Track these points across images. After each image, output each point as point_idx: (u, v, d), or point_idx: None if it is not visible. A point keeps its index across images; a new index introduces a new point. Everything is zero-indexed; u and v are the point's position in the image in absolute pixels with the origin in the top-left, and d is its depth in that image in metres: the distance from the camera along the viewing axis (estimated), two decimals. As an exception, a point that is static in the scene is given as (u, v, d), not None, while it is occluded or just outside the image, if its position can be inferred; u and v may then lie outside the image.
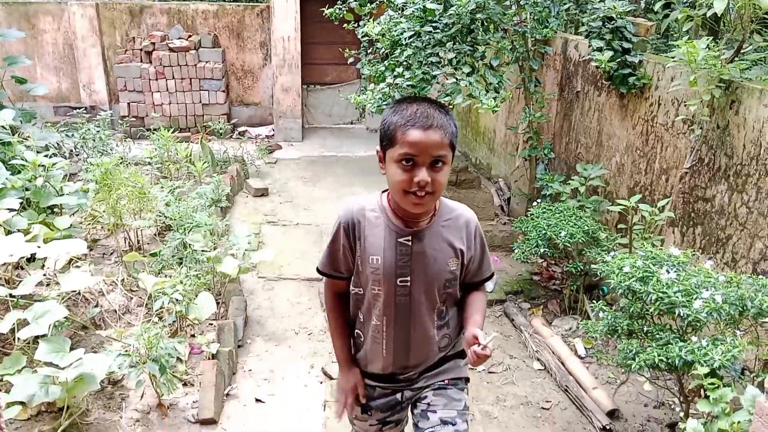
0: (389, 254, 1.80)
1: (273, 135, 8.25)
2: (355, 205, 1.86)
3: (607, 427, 3.06)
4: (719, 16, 3.45)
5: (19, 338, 2.85)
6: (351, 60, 6.29)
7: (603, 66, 4.03)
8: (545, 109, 5.01)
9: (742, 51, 3.63)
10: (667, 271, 2.67)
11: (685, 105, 3.57)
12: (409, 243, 1.81)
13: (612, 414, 3.17)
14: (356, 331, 2.00)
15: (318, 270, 1.95)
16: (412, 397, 2.03)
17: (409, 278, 1.82)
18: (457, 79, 4.25)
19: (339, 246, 1.86)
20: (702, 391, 2.65)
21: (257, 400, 3.20)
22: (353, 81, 8.70)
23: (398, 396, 2.02)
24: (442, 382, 2.01)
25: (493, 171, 6.57)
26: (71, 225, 3.99)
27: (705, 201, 3.43)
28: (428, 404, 1.99)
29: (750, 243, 3.11)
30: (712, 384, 2.21)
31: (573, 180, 4.27)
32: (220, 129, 7.30)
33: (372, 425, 2.09)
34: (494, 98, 4.17)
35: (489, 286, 2.05)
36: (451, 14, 4.30)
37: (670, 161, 3.76)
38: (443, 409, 2.01)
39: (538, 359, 3.69)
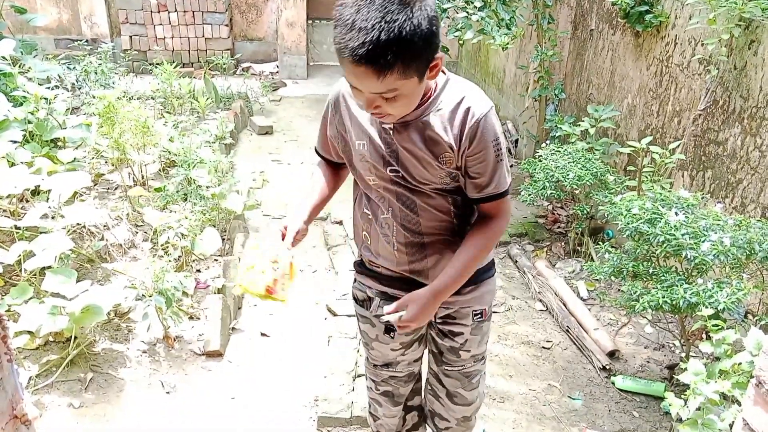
0: (374, 140, 1.54)
1: (277, 72, 8.10)
2: (344, 83, 1.54)
3: (607, 367, 3.11)
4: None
5: (25, 269, 2.86)
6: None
7: (619, 3, 3.89)
8: (557, 48, 4.87)
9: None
10: (676, 214, 2.64)
11: (702, 45, 3.46)
12: (391, 131, 1.51)
13: (612, 355, 3.21)
14: (363, 232, 1.75)
15: (316, 150, 1.78)
16: (439, 316, 1.80)
17: (399, 170, 1.55)
18: (468, 13, 4.12)
19: (326, 125, 1.67)
20: (704, 333, 2.66)
21: (262, 335, 3.25)
22: (360, 17, 8.47)
23: None
24: (479, 316, 1.79)
25: (502, 113, 6.46)
26: (75, 159, 3.96)
27: (717, 144, 3.37)
28: (464, 342, 1.82)
29: (760, 188, 3.07)
30: (716, 326, 2.22)
31: (583, 122, 4.19)
32: (224, 64, 7.15)
33: (394, 349, 1.89)
34: (506, 35, 4.05)
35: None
36: (463, -55, 4.14)
37: (683, 103, 3.68)
38: (477, 346, 1.85)
39: (541, 300, 3.71)
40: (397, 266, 1.71)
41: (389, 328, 1.79)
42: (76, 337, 2.79)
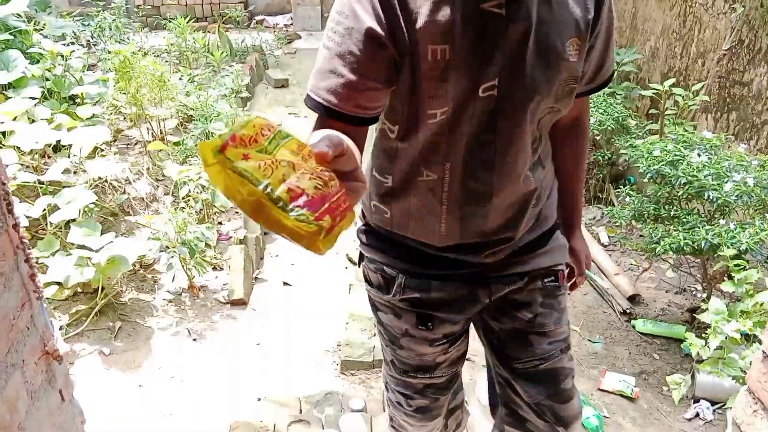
0: (466, 37, 1.00)
1: (291, 24, 7.99)
2: None
3: (628, 311, 3.11)
4: None
5: (50, 223, 2.92)
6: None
7: (643, -61, 3.74)
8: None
9: None
10: (699, 155, 2.60)
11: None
12: (502, 12, 0.99)
13: (633, 299, 3.21)
14: (378, 205, 1.25)
15: (315, 104, 1.04)
16: (498, 295, 1.29)
17: (497, 80, 1.03)
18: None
19: (359, 39, 0.99)
20: (726, 275, 2.65)
21: (285, 284, 3.30)
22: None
23: (478, 292, 1.28)
24: (552, 280, 1.31)
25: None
26: (93, 115, 3.98)
27: (742, 85, 3.28)
28: (534, 317, 1.30)
29: (787, 127, 3.00)
30: (738, 266, 2.20)
31: (604, 65, 4.10)
32: (237, 18, 7.06)
33: (437, 344, 1.33)
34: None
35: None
36: None
37: (707, 44, 3.57)
38: (555, 326, 1.31)
39: (561, 247, 3.70)
40: (446, 237, 1.21)
41: (425, 317, 1.29)
42: (103, 288, 2.86)
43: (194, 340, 2.85)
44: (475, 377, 2.62)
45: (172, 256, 2.86)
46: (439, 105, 1.05)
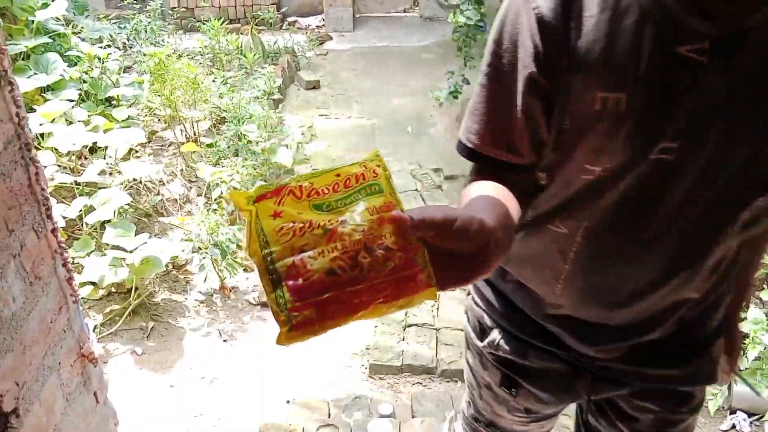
0: (648, 86, 0.79)
1: (323, 25, 8.02)
2: None
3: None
4: None
5: (86, 223, 2.97)
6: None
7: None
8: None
9: None
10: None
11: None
12: (703, 60, 0.77)
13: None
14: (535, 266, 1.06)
15: (461, 147, 0.94)
16: (598, 391, 1.11)
17: (677, 143, 0.82)
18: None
19: (520, 75, 0.84)
20: (766, 282, 2.57)
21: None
22: (406, -34, 8.28)
23: (577, 384, 1.11)
24: (677, 403, 1.08)
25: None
26: (129, 116, 4.05)
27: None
28: None
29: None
30: (781, 274, 2.13)
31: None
32: (270, 19, 7.12)
33: (517, 413, 1.20)
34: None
35: None
36: None
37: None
38: None
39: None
40: (560, 299, 1.02)
41: (511, 381, 1.15)
42: (137, 288, 2.90)
43: (225, 341, 2.87)
44: None
45: (204, 257, 2.88)
46: (598, 161, 0.85)
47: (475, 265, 0.66)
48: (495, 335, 1.14)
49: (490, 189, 0.85)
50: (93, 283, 2.85)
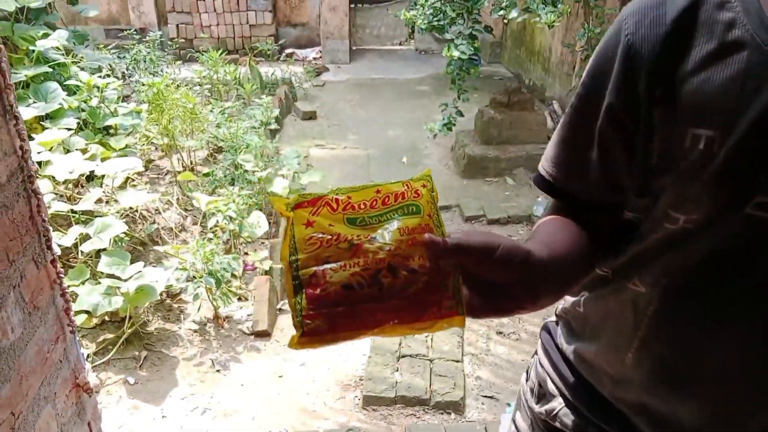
0: (747, 131, 0.68)
1: (320, 57, 8.14)
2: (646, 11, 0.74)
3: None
4: None
5: (82, 252, 2.97)
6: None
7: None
8: (605, 26, 4.75)
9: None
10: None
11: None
12: None
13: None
14: (578, 299, 0.96)
15: (538, 180, 0.89)
16: None
17: None
18: (513, -8, 4.05)
19: (602, 107, 0.78)
20: None
21: (308, 316, 3.30)
22: None
23: None
24: None
25: (548, 92, 6.35)
26: (126, 145, 4.07)
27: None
28: None
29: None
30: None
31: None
32: (268, 50, 7.22)
33: None
34: (552, 12, 3.97)
35: None
36: None
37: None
38: None
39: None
40: (628, 371, 0.87)
41: None
42: (130, 317, 2.89)
43: (218, 371, 2.85)
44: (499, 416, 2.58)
45: (199, 287, 2.89)
46: (682, 208, 0.75)
47: (518, 298, 0.64)
48: (555, 404, 1.00)
49: (558, 225, 0.82)
50: (87, 312, 2.85)
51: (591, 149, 0.81)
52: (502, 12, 4.04)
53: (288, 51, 8.13)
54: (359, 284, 0.59)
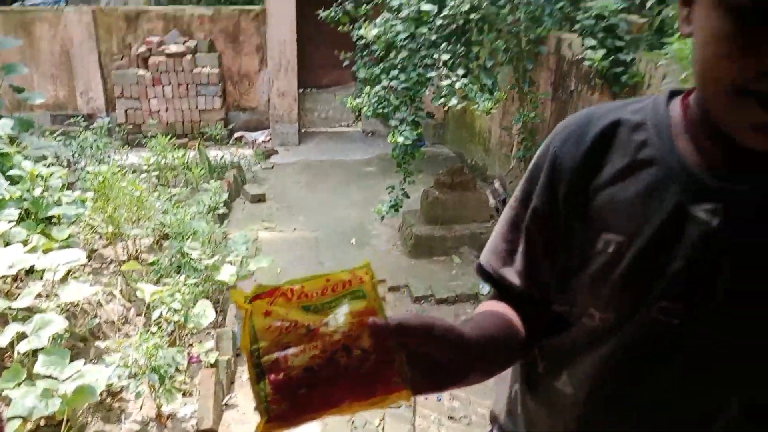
0: (651, 238, 0.76)
1: (270, 140, 8.27)
2: (598, 118, 0.83)
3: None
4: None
5: (18, 351, 2.86)
6: (346, 63, 6.31)
7: (596, 65, 4.04)
8: (539, 110, 5.02)
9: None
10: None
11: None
12: (713, 220, 0.73)
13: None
14: (517, 391, 0.99)
15: (478, 268, 0.97)
16: None
17: (682, 305, 0.76)
18: (452, 80, 4.27)
19: (529, 208, 0.88)
20: None
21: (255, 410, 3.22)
22: (350, 84, 8.73)
23: None
24: None
25: (489, 172, 6.58)
26: (70, 235, 4.00)
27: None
28: None
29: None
30: None
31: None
32: (217, 135, 7.31)
33: None
34: (489, 99, 4.18)
35: None
36: (445, 15, 4.32)
37: None
38: None
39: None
40: None
41: None
42: (68, 419, 2.77)
43: (161, 472, 2.74)
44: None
45: (141, 384, 2.80)
46: (598, 307, 0.81)
47: (452, 374, 0.71)
48: None
49: (494, 311, 0.89)
50: (22, 417, 2.71)
51: (520, 245, 0.89)
52: (442, 100, 4.24)
53: (238, 134, 8.24)
54: (319, 366, 0.63)
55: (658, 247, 0.75)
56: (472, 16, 4.36)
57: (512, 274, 0.90)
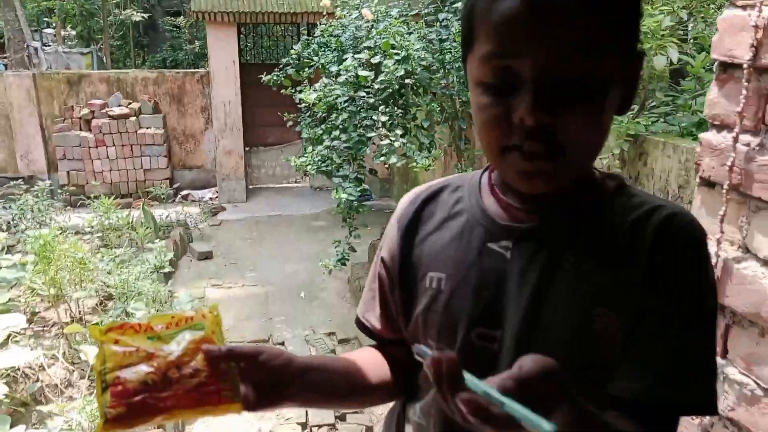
0: (463, 272, 0.91)
1: (217, 197, 8.31)
2: (432, 186, 1.02)
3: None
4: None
5: (-45, 420, 2.80)
6: (290, 123, 6.49)
7: (525, 124, 4.31)
8: (476, 165, 5.27)
9: (646, 107, 3.99)
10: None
11: (600, 158, 3.87)
12: (507, 253, 0.88)
13: None
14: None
15: (356, 318, 1.10)
16: None
17: (499, 332, 0.87)
18: (391, 140, 4.47)
19: (382, 267, 1.02)
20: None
21: (204, 467, 3.20)
22: (296, 141, 8.90)
23: None
24: None
25: (434, 224, 6.78)
26: (9, 299, 3.95)
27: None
28: None
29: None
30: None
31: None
32: (163, 194, 7.32)
33: None
34: (427, 157, 4.40)
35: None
36: (382, 80, 4.56)
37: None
38: None
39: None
40: None
41: None
42: (7, 488, 2.70)
43: None
44: None
45: (86, 447, 2.77)
46: (432, 336, 0.92)
47: (280, 394, 0.85)
48: None
49: (361, 352, 1.04)
50: (-43, 487, 2.64)
51: (377, 292, 1.03)
52: (383, 158, 4.43)
53: (183, 192, 8.26)
54: (153, 381, 0.77)
55: (470, 279, 0.89)
56: (407, 81, 4.61)
57: (374, 319, 1.04)
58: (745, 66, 1.07)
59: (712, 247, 1.13)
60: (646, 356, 0.80)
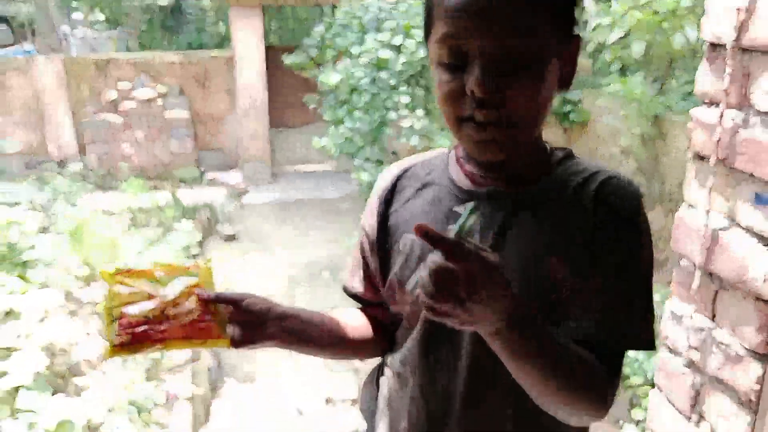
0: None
1: (242, 179, 8.44)
2: (406, 161, 1.14)
3: None
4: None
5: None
6: (313, 105, 6.56)
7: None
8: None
9: (665, 86, 3.98)
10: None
11: (622, 138, 3.87)
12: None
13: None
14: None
15: (344, 289, 1.20)
16: None
17: None
18: (413, 121, 4.53)
19: (364, 234, 1.12)
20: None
21: None
22: (321, 123, 8.96)
23: None
24: None
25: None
26: (46, 278, 4.10)
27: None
28: None
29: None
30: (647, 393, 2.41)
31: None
32: (189, 176, 7.46)
33: None
34: (448, 138, 4.44)
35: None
36: (403, 62, 4.60)
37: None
38: None
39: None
40: None
41: None
42: (49, 454, 2.85)
43: (140, 503, 2.83)
44: None
45: (119, 418, 2.91)
46: (405, 296, 1.04)
47: (259, 334, 1.00)
48: None
49: (341, 311, 1.16)
50: (3, 453, 2.80)
51: (360, 259, 1.15)
52: (404, 139, 4.49)
53: (210, 175, 8.40)
54: (153, 315, 0.93)
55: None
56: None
57: (357, 283, 1.16)
58: (729, 46, 1.13)
59: (701, 218, 1.24)
60: (591, 302, 0.92)
